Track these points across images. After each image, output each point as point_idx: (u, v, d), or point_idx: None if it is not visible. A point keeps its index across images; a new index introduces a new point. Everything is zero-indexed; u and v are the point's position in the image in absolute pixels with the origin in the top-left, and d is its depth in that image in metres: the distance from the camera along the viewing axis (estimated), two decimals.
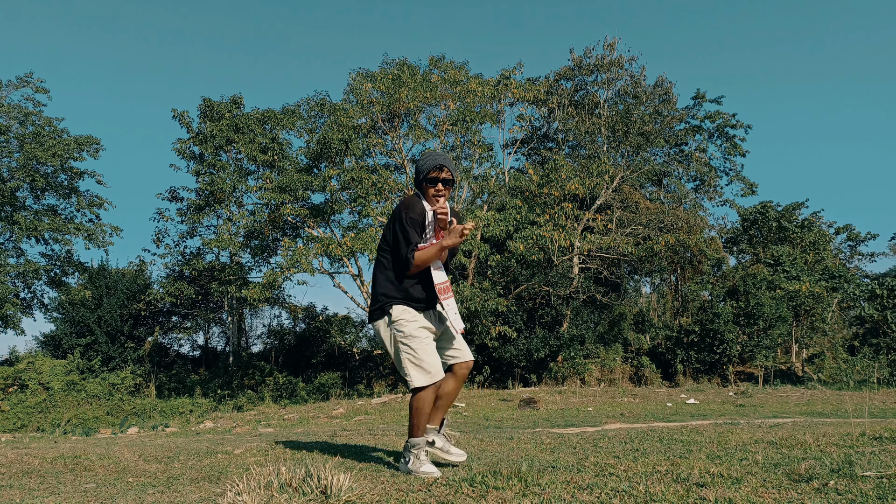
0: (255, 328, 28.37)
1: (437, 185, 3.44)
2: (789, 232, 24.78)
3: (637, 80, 24.42)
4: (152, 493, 3.03)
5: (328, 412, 11.91)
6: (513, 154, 23.77)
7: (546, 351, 18.37)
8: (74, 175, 21.91)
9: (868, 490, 2.47)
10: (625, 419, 9.15)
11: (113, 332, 19.70)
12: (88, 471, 4.01)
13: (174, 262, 21.78)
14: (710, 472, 2.92)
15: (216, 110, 20.61)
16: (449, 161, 3.50)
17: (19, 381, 17.07)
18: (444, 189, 3.46)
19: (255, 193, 19.84)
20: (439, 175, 3.43)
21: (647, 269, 23.34)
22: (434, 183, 3.44)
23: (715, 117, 27.67)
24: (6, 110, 20.59)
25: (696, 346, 18.98)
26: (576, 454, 3.96)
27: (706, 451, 3.83)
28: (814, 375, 19.08)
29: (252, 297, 17.40)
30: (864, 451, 3.41)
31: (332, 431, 7.11)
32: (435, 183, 3.44)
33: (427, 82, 18.34)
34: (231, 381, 20.02)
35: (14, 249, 21.10)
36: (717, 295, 21.28)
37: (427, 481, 2.89)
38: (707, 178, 27.49)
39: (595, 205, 20.92)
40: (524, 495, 2.54)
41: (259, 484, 2.65)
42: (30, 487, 3.34)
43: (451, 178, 3.48)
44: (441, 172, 3.43)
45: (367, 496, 2.57)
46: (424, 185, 3.47)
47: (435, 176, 3.43)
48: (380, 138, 19.48)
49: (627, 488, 2.61)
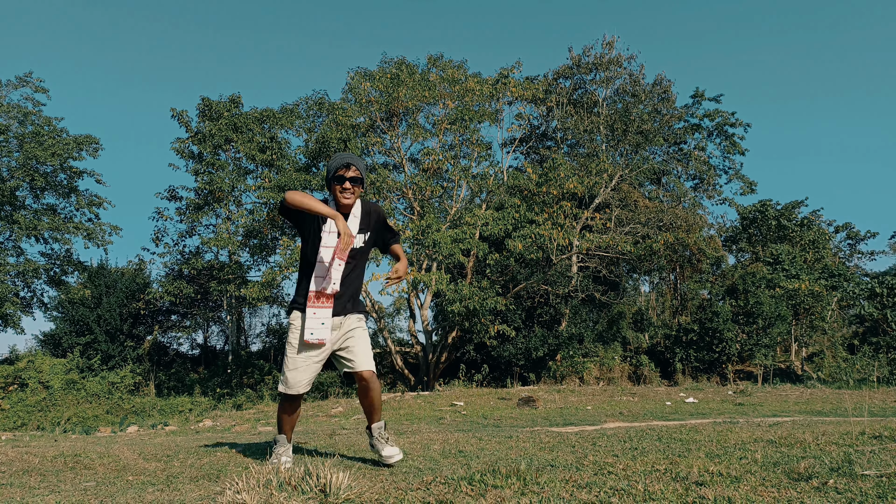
0: (254, 327, 28.37)
1: (343, 183, 3.47)
2: (789, 230, 24.79)
3: (636, 79, 24.42)
4: (152, 492, 3.03)
5: (327, 411, 11.91)
6: (511, 153, 23.77)
7: (545, 350, 18.37)
8: (74, 174, 21.90)
9: (868, 489, 2.47)
10: (624, 418, 9.16)
11: (112, 330, 19.69)
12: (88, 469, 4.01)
13: (173, 261, 21.80)
14: (710, 470, 2.92)
15: (215, 109, 20.59)
16: (357, 160, 3.54)
17: (19, 380, 17.07)
18: (352, 187, 3.50)
19: (254, 192, 19.84)
20: (346, 173, 3.48)
21: (646, 268, 23.34)
22: (341, 181, 3.48)
23: (714, 116, 27.67)
24: (6, 110, 20.58)
25: (695, 344, 18.98)
26: (574, 453, 3.97)
27: (705, 449, 3.83)
28: (813, 374, 19.10)
29: (251, 296, 17.41)
30: (863, 450, 3.41)
31: (330, 430, 7.11)
32: (342, 181, 3.48)
33: (425, 81, 18.34)
34: (230, 379, 20.02)
35: (14, 248, 21.10)
36: (716, 294, 21.28)
37: (426, 479, 2.89)
38: (706, 177, 27.50)
39: (594, 203, 20.91)
40: (523, 494, 2.54)
41: (258, 482, 2.65)
42: (30, 486, 3.34)
43: (359, 177, 3.51)
44: (347, 171, 3.48)
45: (366, 494, 2.57)
46: (333, 185, 3.52)
47: (342, 174, 3.48)
48: (378, 137, 19.48)
49: (626, 487, 2.61)
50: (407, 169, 19.60)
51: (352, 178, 3.49)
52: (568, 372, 18.04)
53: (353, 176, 3.50)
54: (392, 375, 20.85)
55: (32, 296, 21.89)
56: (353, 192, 3.51)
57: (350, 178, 3.49)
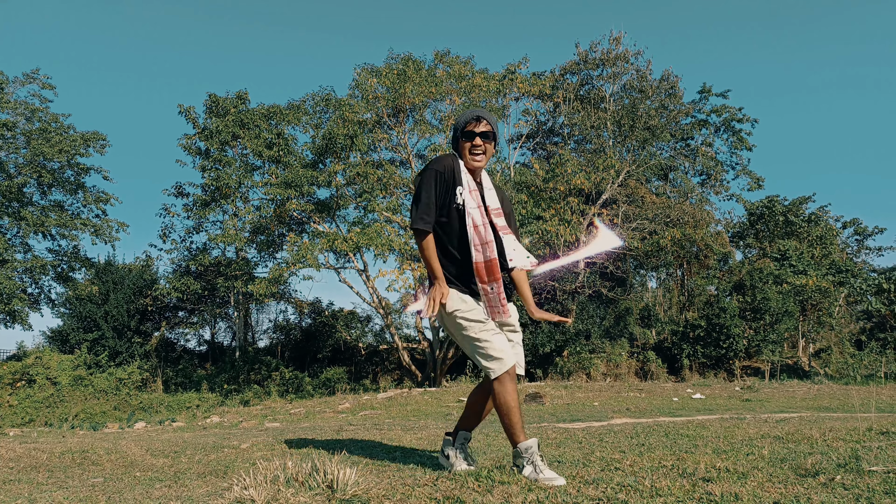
0: (262, 323, 28.40)
1: (474, 140, 3.04)
2: (796, 226, 24.66)
3: (643, 75, 24.30)
4: (160, 488, 3.04)
5: (334, 407, 11.95)
6: (518, 149, 23.73)
7: (552, 346, 18.36)
8: (81, 171, 21.98)
9: (875, 485, 2.46)
10: (631, 414, 9.14)
11: (120, 327, 19.79)
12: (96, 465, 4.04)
13: (180, 257, 21.88)
14: (717, 466, 2.92)
15: (222, 106, 20.62)
16: (489, 115, 3.10)
17: (27, 376, 17.18)
18: (483, 143, 3.06)
19: (261, 189, 19.87)
20: (476, 128, 3.05)
21: (653, 264, 23.27)
22: (471, 137, 3.05)
23: (721, 111, 27.53)
24: (13, 107, 20.67)
25: (702, 340, 18.93)
26: (581, 449, 3.96)
27: (712, 445, 3.82)
28: (820, 370, 19.02)
29: (258, 293, 17.45)
30: (871, 446, 3.39)
31: (338, 426, 7.12)
32: (472, 137, 3.05)
33: (432, 77, 18.30)
34: (237, 375, 20.09)
35: (22, 245, 21.20)
36: (723, 289, 21.20)
37: (431, 476, 2.90)
38: (713, 173, 27.39)
39: (601, 199, 20.86)
40: (529, 490, 2.54)
41: (266, 478, 2.66)
42: (38, 482, 3.36)
43: (492, 132, 3.07)
44: (478, 125, 3.05)
45: (373, 490, 2.58)
46: (461, 142, 3.08)
47: (471, 129, 3.05)
48: (385, 133, 19.47)
49: (633, 483, 2.60)
50: (414, 165, 19.59)
51: (483, 132, 3.05)
52: (575, 368, 18.03)
53: (485, 131, 3.05)
54: (399, 371, 20.89)
55: (40, 292, 22.00)
56: (483, 149, 3.07)
57: (481, 133, 3.05)
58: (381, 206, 17.41)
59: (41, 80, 21.60)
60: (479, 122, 3.06)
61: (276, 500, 2.41)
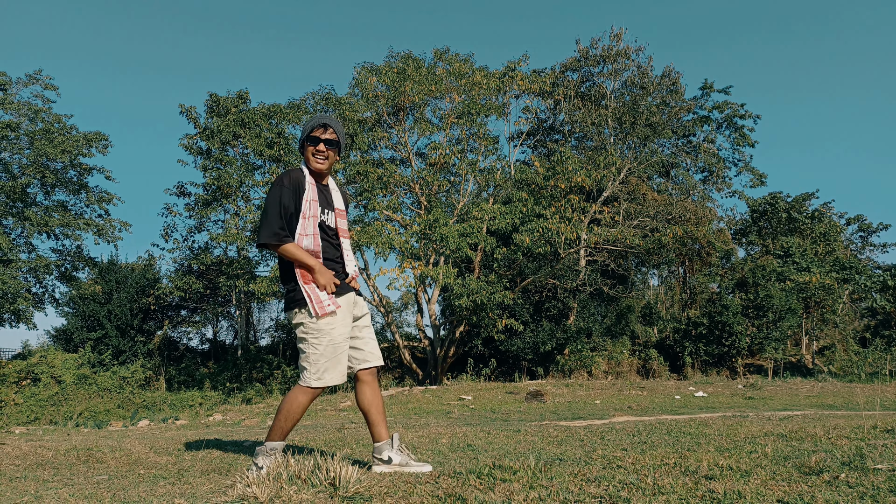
0: (263, 322, 28.51)
1: (318, 145, 3.17)
2: (799, 223, 24.61)
3: (644, 71, 24.25)
4: (163, 485, 3.05)
5: (336, 405, 11.97)
6: (518, 146, 23.69)
7: (553, 344, 18.35)
8: (83, 171, 22.04)
9: (880, 483, 2.46)
10: (633, 412, 9.14)
11: (123, 326, 19.84)
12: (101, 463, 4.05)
13: (182, 256, 21.93)
14: (719, 464, 2.91)
15: (223, 105, 20.63)
16: (336, 124, 3.25)
17: (32, 375, 17.25)
18: (326, 150, 3.19)
19: (262, 188, 19.88)
20: (321, 134, 3.19)
21: (655, 262, 23.25)
22: (315, 143, 3.18)
23: (723, 107, 27.46)
24: (16, 107, 20.72)
25: (704, 338, 18.92)
26: (583, 447, 3.96)
27: (715, 443, 3.82)
28: (824, 368, 19.00)
29: (260, 291, 17.46)
30: (875, 444, 3.39)
31: (339, 424, 7.14)
32: (316, 143, 3.17)
33: (432, 75, 18.29)
34: (240, 374, 20.13)
35: (26, 245, 21.29)
36: (725, 287, 21.19)
37: (434, 473, 2.90)
38: (715, 169, 27.33)
39: (602, 197, 20.83)
40: (531, 488, 2.54)
41: (268, 476, 2.66)
42: (44, 479, 3.37)
43: (336, 141, 3.22)
44: (324, 132, 3.19)
45: (375, 488, 2.58)
46: (306, 146, 3.21)
47: (316, 135, 3.19)
48: (385, 132, 19.46)
49: (635, 481, 2.60)
50: (414, 163, 19.58)
51: (327, 140, 3.19)
52: (576, 366, 18.03)
53: (330, 138, 3.20)
54: (400, 370, 20.90)
55: (44, 292, 22.08)
56: (326, 156, 3.21)
57: (325, 140, 3.19)
58: (382, 205, 17.41)
59: (44, 81, 21.66)
60: (326, 129, 3.21)
61: (279, 497, 2.42)
